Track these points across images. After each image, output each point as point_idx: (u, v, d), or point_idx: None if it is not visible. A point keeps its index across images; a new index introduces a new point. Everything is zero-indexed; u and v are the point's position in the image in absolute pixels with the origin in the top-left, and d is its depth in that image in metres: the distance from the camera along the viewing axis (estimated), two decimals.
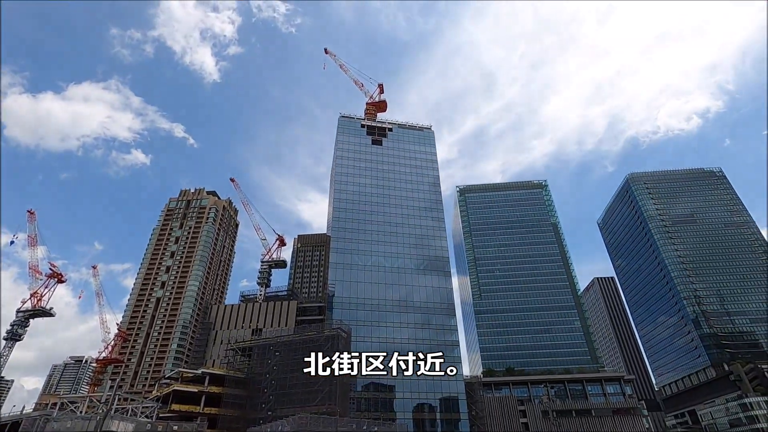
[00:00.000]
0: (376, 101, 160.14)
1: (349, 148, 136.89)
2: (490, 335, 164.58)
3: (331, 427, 49.48)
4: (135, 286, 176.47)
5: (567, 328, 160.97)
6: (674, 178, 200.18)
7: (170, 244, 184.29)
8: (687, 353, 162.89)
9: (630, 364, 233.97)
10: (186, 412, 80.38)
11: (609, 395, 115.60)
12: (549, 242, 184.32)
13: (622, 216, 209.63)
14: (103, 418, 27.77)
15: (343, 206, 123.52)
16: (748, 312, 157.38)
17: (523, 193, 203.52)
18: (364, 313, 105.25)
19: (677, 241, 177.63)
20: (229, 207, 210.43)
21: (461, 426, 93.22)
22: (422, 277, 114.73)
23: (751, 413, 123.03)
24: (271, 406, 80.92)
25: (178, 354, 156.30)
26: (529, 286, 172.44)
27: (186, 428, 53.72)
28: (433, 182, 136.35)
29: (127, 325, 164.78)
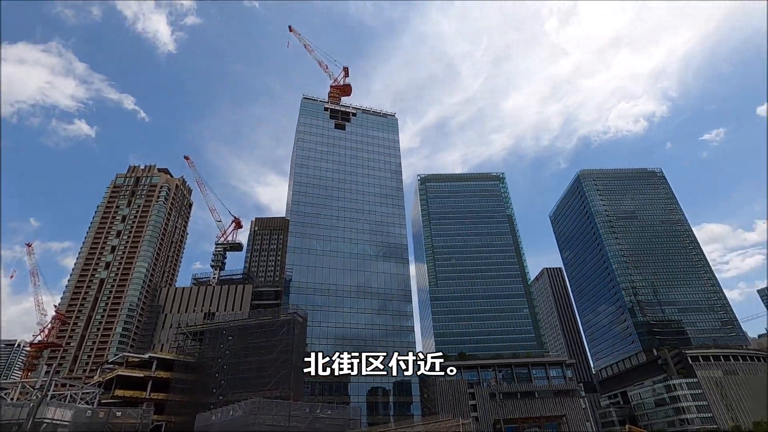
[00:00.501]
0: (341, 85, 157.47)
1: (311, 131, 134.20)
2: (444, 321, 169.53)
3: (284, 411, 49.27)
4: (76, 266, 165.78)
5: (517, 315, 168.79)
6: (620, 176, 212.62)
7: (116, 223, 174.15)
8: (622, 339, 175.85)
9: (572, 349, 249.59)
10: (131, 398, 77.35)
11: (552, 378, 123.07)
12: (504, 233, 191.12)
13: (572, 210, 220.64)
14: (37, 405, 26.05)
15: (303, 190, 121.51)
16: (677, 302, 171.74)
17: (482, 185, 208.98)
18: (322, 299, 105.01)
19: (620, 236, 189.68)
20: (182, 186, 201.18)
21: (413, 408, 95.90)
22: (380, 263, 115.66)
23: (674, 393, 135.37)
24: (223, 391, 79.47)
25: (123, 338, 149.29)
26: (483, 275, 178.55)
27: (131, 414, 51.60)
28: (395, 170, 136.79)
29: (67, 307, 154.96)
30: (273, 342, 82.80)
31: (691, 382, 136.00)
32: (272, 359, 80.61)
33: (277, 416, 48.16)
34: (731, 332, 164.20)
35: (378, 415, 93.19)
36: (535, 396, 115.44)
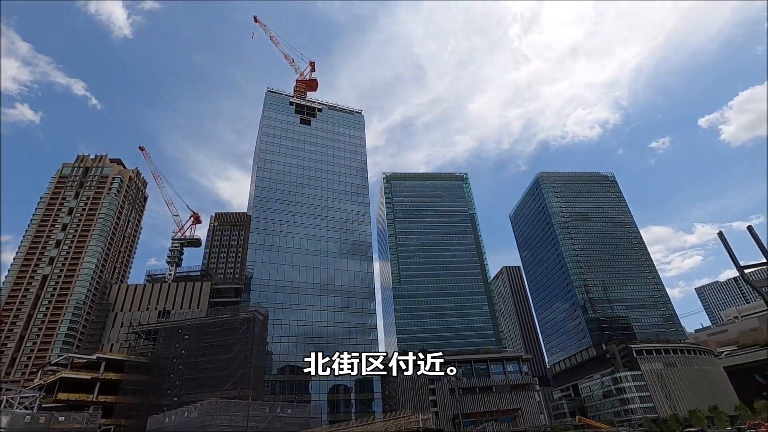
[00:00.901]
0: (307, 79, 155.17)
1: (275, 125, 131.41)
2: (407, 318, 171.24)
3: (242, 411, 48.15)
4: (15, 261, 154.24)
5: (477, 312, 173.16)
6: (576, 179, 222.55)
7: (62, 215, 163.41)
8: (575, 335, 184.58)
9: (528, 345, 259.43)
10: (76, 401, 73.01)
11: (509, 373, 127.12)
12: (466, 232, 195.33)
13: (531, 211, 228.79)
14: None
15: (266, 185, 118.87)
16: (625, 300, 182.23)
17: (446, 184, 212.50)
18: (284, 296, 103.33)
19: (574, 236, 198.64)
20: (136, 178, 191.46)
21: (374, 405, 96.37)
22: (344, 261, 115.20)
23: (620, 385, 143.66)
24: (178, 392, 76.57)
25: (68, 338, 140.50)
26: (445, 273, 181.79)
27: (75, 418, 48.70)
28: (361, 167, 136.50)
29: (4, 305, 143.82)
30: (232, 341, 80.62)
31: (636, 375, 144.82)
32: (231, 358, 78.47)
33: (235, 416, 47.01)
34: (671, 327, 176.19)
35: (339, 413, 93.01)
36: (493, 390, 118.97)
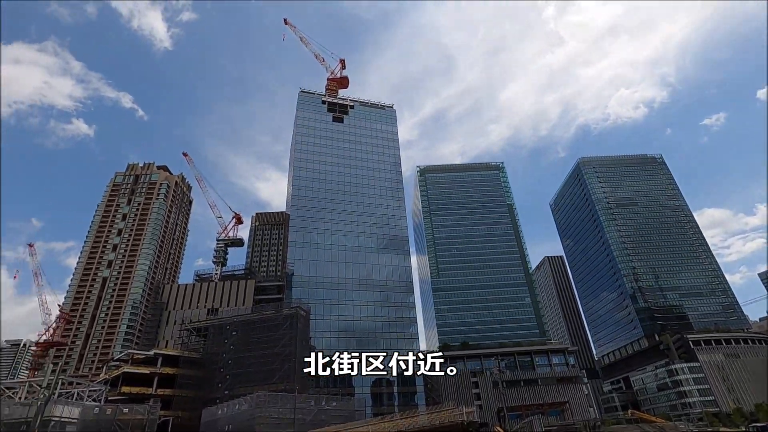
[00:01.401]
0: (338, 77, 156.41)
1: (309, 124, 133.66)
2: (446, 312, 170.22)
3: (289, 404, 49.76)
4: (79, 265, 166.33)
5: (518, 303, 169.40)
6: (620, 163, 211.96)
7: (117, 221, 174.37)
8: (624, 326, 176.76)
9: (574, 336, 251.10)
10: (137, 394, 78.03)
11: (554, 365, 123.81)
12: (504, 222, 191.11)
13: (572, 198, 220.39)
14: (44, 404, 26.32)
15: (303, 184, 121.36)
16: (679, 287, 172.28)
17: (481, 175, 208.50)
18: (324, 292, 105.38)
19: (620, 223, 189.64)
20: (181, 183, 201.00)
21: (417, 398, 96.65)
22: (382, 255, 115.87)
23: (676, 378, 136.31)
24: (228, 386, 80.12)
25: (127, 335, 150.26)
26: (484, 265, 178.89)
27: (138, 410, 52.12)
28: (395, 161, 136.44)
29: (71, 306, 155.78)
30: (276, 336, 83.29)
31: (693, 366, 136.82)
32: (276, 353, 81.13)
33: (283, 409, 48.70)
34: (732, 316, 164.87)
35: (383, 405, 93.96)
36: (538, 383, 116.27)
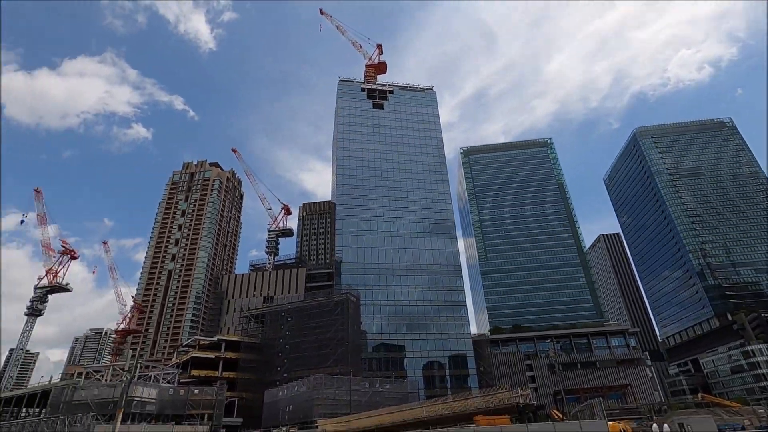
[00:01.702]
0: (376, 63, 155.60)
1: (350, 113, 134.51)
2: (496, 294, 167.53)
3: (345, 386, 51.57)
4: (146, 259, 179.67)
5: (572, 284, 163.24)
6: (683, 130, 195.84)
7: (177, 217, 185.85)
8: (691, 305, 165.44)
9: (634, 317, 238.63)
10: (205, 377, 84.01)
11: (613, 348, 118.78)
12: (554, 201, 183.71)
13: (629, 171, 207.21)
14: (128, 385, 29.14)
15: (347, 172, 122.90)
16: (754, 263, 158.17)
17: (528, 153, 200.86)
18: (372, 278, 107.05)
19: (684, 195, 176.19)
20: (232, 178, 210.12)
21: (470, 381, 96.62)
22: (428, 240, 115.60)
23: (753, 360, 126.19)
24: (286, 369, 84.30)
25: (193, 323, 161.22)
26: (534, 245, 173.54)
27: (207, 391, 56.17)
28: (437, 144, 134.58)
29: (142, 297, 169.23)
30: (329, 322, 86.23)
31: None
32: (329, 338, 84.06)
33: (339, 391, 50.60)
34: None
35: (435, 388, 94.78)
36: (597, 366, 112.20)
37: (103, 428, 44.32)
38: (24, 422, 53.56)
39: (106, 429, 43.92)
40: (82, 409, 49.64)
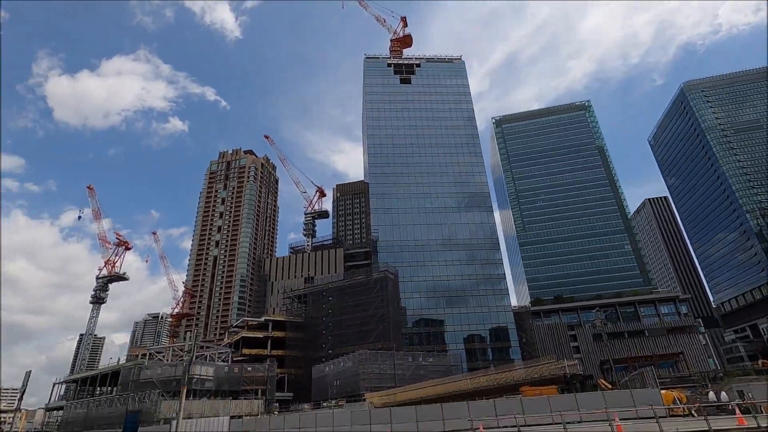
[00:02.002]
0: (401, 37, 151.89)
1: (377, 90, 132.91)
2: (536, 266, 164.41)
3: (389, 360, 52.85)
4: (192, 247, 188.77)
5: (617, 252, 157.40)
6: (737, 80, 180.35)
7: (218, 205, 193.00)
8: (749, 268, 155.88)
9: (685, 283, 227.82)
10: (255, 355, 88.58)
11: (663, 315, 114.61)
12: (595, 166, 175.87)
13: (677, 130, 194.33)
14: (188, 364, 31.33)
15: (378, 151, 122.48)
16: None
17: (565, 117, 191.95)
18: (409, 254, 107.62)
19: (739, 151, 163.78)
20: (267, 164, 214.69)
21: (512, 353, 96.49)
22: (464, 214, 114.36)
23: None
24: (331, 346, 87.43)
25: (240, 305, 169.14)
26: (575, 214, 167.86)
27: (258, 368, 59.29)
28: (468, 116, 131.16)
29: (192, 282, 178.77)
30: (369, 299, 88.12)
31: None
32: (370, 315, 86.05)
33: (383, 365, 52.05)
34: None
35: (477, 361, 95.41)
36: (645, 335, 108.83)
37: (168, 404, 47.94)
38: (99, 399, 58.92)
39: (171, 404, 47.50)
40: (148, 387, 53.83)
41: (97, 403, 57.93)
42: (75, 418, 58.69)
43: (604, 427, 20.52)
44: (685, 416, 26.04)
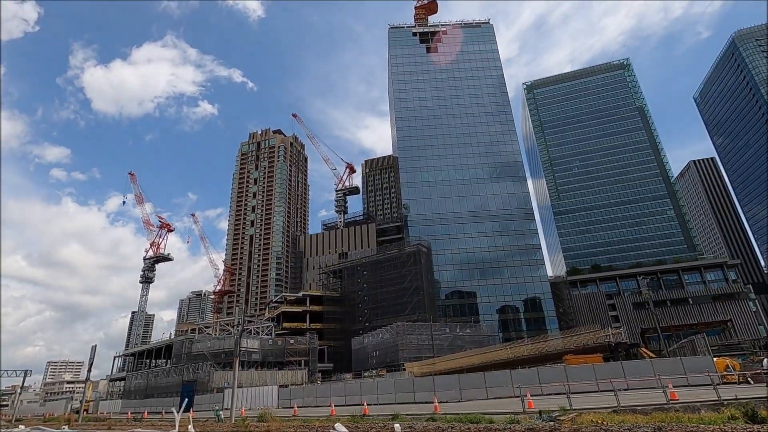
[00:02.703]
0: (425, 3, 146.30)
1: (403, 61, 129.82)
2: (571, 235, 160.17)
3: (426, 331, 53.70)
4: (229, 227, 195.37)
5: (659, 218, 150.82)
6: None
7: (251, 186, 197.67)
8: None
9: (734, 249, 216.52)
10: (295, 328, 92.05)
11: (709, 282, 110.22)
12: (634, 128, 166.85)
13: (726, 85, 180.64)
14: (239, 337, 33.09)
15: (406, 124, 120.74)
16: None
17: (601, 78, 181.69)
18: (441, 228, 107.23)
19: None
20: (295, 143, 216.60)
21: (548, 323, 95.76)
22: (496, 184, 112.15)
23: None
24: (367, 319, 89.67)
25: (277, 281, 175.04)
26: (612, 180, 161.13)
27: (300, 341, 61.72)
28: (498, 82, 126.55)
29: (230, 261, 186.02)
30: (403, 273, 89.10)
31: None
32: (405, 288, 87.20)
33: (421, 336, 53.03)
34: None
35: (511, 331, 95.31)
36: (689, 302, 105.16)
37: (219, 374, 50.94)
38: (157, 370, 63.42)
39: (222, 374, 50.44)
40: (199, 359, 57.28)
41: (155, 373, 62.36)
42: (136, 387, 63.61)
43: (657, 394, 20.24)
44: (739, 383, 25.31)
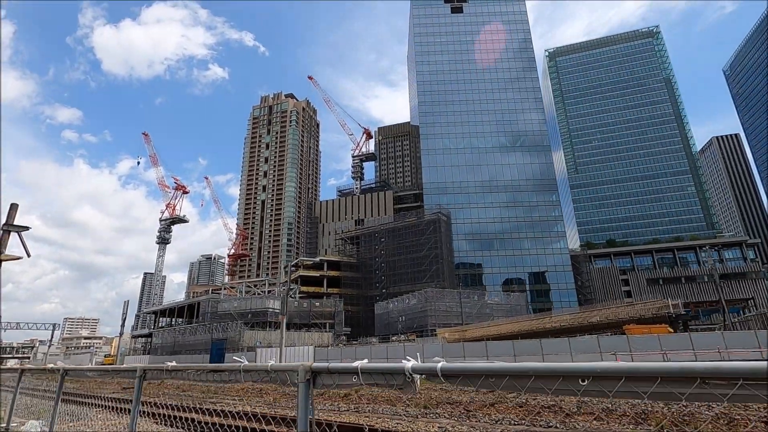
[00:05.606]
0: None
1: (426, 21, 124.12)
2: (587, 209, 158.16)
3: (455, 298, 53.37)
4: (240, 192, 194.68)
5: (678, 194, 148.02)
6: None
7: (262, 150, 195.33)
8: None
9: (752, 227, 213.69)
10: (312, 292, 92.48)
11: (726, 260, 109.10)
12: (659, 101, 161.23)
13: (758, 59, 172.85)
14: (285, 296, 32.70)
15: (428, 88, 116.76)
16: None
17: (628, 47, 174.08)
18: (461, 196, 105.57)
19: None
20: (308, 107, 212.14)
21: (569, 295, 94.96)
22: (517, 154, 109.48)
23: None
24: (384, 285, 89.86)
25: (289, 247, 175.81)
26: (632, 154, 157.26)
27: (326, 303, 61.84)
28: (524, 47, 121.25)
29: (242, 226, 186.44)
30: (422, 240, 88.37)
31: None
32: (423, 256, 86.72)
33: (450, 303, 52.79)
34: None
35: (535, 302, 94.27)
36: (704, 280, 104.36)
37: (249, 333, 51.20)
38: (185, 328, 64.19)
39: (252, 333, 50.70)
40: (226, 318, 57.64)
41: (182, 331, 63.12)
42: (164, 344, 64.59)
43: None
44: None
